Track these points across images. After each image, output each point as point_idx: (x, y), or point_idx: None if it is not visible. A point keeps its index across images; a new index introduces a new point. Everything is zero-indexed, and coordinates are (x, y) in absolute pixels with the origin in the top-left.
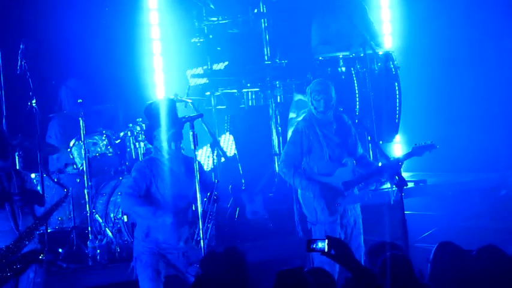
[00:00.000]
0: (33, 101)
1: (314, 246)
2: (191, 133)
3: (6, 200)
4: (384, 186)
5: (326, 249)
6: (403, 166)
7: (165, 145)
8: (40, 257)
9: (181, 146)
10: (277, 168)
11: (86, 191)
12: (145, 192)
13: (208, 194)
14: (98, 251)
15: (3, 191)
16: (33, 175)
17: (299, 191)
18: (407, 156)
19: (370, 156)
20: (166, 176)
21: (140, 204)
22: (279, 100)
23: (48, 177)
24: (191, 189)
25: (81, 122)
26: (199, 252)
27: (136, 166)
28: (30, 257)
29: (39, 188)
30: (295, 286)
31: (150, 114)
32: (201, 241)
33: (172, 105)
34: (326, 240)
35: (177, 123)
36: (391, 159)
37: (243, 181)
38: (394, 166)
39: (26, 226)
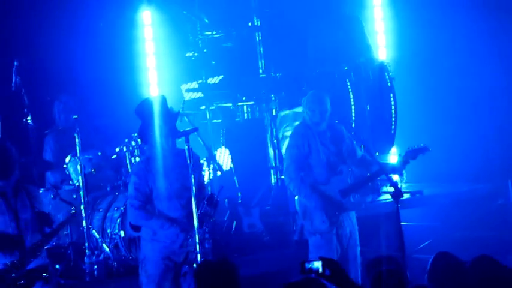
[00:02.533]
0: (29, 118)
1: (308, 267)
2: (186, 147)
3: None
4: (381, 198)
5: (320, 270)
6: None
7: (163, 141)
8: (44, 274)
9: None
10: (273, 180)
11: (82, 207)
12: (150, 192)
13: (208, 196)
14: (95, 266)
15: (9, 208)
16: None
17: (296, 201)
18: (403, 160)
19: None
20: (167, 171)
21: (147, 218)
22: (274, 113)
23: (56, 195)
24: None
25: (76, 138)
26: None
27: (133, 170)
28: (35, 273)
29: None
30: None
31: (144, 113)
32: (196, 245)
33: (164, 101)
34: (320, 261)
35: (172, 119)
36: (387, 164)
37: (239, 194)
38: (389, 171)
39: (32, 243)
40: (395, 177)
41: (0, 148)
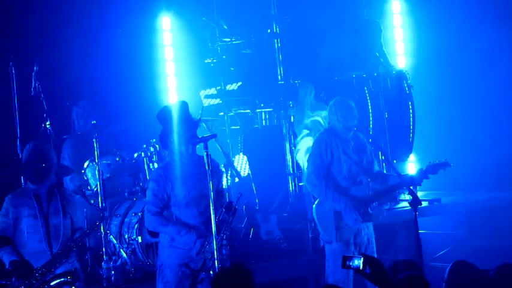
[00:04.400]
0: (47, 123)
1: (349, 263)
2: (205, 154)
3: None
4: (398, 206)
5: (361, 267)
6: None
7: (182, 148)
8: (68, 278)
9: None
10: (291, 187)
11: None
12: (168, 198)
13: (226, 203)
14: (113, 272)
15: (41, 213)
16: None
17: (314, 209)
18: (422, 174)
19: None
20: (185, 178)
21: (164, 225)
22: (292, 120)
23: (85, 199)
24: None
25: (95, 143)
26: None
27: (152, 175)
28: (60, 278)
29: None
30: None
31: (165, 118)
32: (214, 252)
33: (186, 108)
34: (362, 258)
35: (193, 126)
36: (405, 176)
37: (257, 201)
38: (408, 183)
39: (59, 248)
40: None
41: (37, 152)
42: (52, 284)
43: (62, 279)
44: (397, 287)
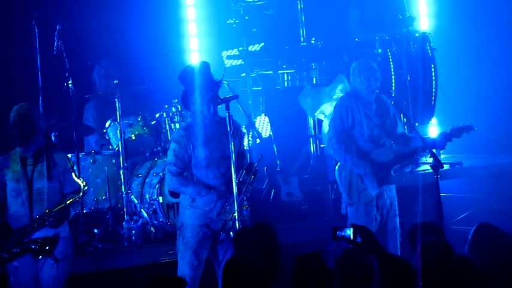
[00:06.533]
0: (70, 82)
1: (340, 234)
2: (227, 114)
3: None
4: (420, 168)
5: (352, 237)
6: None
7: (204, 109)
8: (33, 246)
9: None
10: (312, 149)
11: (121, 172)
12: (189, 159)
13: (247, 165)
14: (133, 231)
15: (25, 177)
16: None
17: (336, 171)
18: (446, 138)
19: None
20: (207, 139)
21: (185, 185)
22: (314, 81)
23: (72, 170)
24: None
25: (117, 103)
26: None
27: (174, 136)
28: (30, 245)
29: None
30: (314, 270)
31: (187, 79)
32: (235, 213)
33: (207, 68)
34: (352, 228)
35: (214, 86)
36: (428, 139)
37: (278, 162)
38: (431, 146)
39: (40, 214)
40: None
41: (20, 115)
42: (27, 247)
43: (28, 246)
44: (388, 255)
